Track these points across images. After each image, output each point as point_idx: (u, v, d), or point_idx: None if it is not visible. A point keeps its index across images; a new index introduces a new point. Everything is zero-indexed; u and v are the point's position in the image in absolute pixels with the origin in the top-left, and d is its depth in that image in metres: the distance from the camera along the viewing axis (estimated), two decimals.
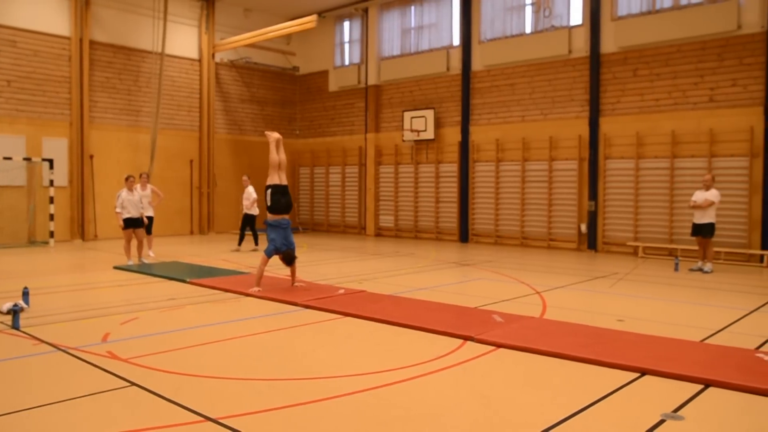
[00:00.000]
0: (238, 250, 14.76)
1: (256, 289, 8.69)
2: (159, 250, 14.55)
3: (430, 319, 6.89)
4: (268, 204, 8.96)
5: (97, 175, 17.61)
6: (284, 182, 9.16)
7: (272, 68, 22.08)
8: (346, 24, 21.30)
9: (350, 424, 4.04)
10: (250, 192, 15.05)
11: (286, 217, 9.05)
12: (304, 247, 16.36)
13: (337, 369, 5.24)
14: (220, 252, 14.62)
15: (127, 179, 12.23)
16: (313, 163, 22.44)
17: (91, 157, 17.46)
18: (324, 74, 22.03)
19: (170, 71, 19.21)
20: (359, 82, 20.63)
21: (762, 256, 12.87)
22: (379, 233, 20.23)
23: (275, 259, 9.34)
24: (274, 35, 18.99)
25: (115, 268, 11.54)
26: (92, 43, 17.49)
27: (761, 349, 5.95)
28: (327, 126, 22.07)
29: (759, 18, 13.00)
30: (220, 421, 4.00)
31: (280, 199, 8.97)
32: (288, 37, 21.81)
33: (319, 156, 22.24)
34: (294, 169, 22.98)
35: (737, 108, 13.32)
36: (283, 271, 11.23)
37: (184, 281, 9.86)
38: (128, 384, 4.76)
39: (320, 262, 13.08)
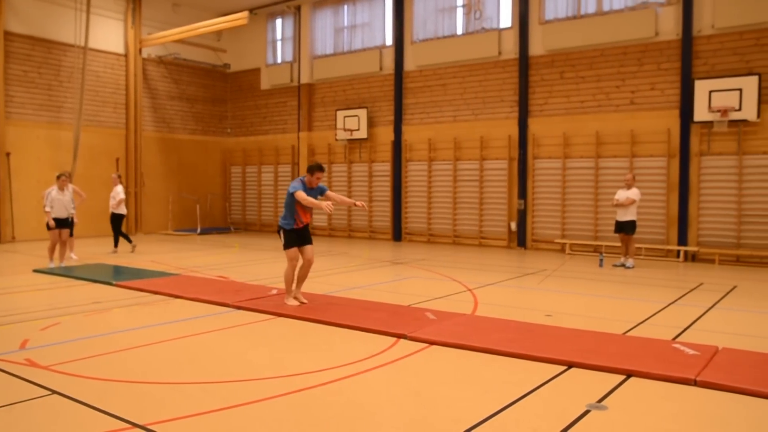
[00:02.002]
0: (115, 252, 14.12)
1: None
2: (83, 252, 13.99)
3: (364, 318, 6.91)
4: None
5: (15, 174, 16.75)
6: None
7: (202, 65, 21.59)
8: (279, 21, 21.07)
9: (284, 425, 4.00)
10: (118, 191, 14.23)
11: None
12: (235, 247, 16.10)
13: (270, 370, 5.18)
14: (148, 254, 14.18)
15: (58, 178, 11.74)
16: (245, 162, 22.08)
17: (8, 154, 16.59)
18: (256, 72, 21.71)
19: (94, 66, 18.49)
20: (292, 80, 20.45)
21: (679, 252, 13.52)
22: (312, 233, 20.05)
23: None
24: (203, 31, 18.58)
25: (35, 271, 11.03)
26: (8, 34, 16.61)
27: (678, 339, 6.25)
28: (259, 124, 21.78)
29: (674, 26, 13.65)
30: (148, 427, 3.88)
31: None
32: (218, 34, 21.37)
33: (251, 155, 21.91)
34: (225, 168, 22.57)
35: (656, 111, 13.95)
36: (214, 271, 11.02)
37: (110, 284, 9.52)
38: (48, 392, 4.55)
39: (252, 262, 12.89)
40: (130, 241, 14.36)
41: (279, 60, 21.14)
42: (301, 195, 7.33)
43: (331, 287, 9.46)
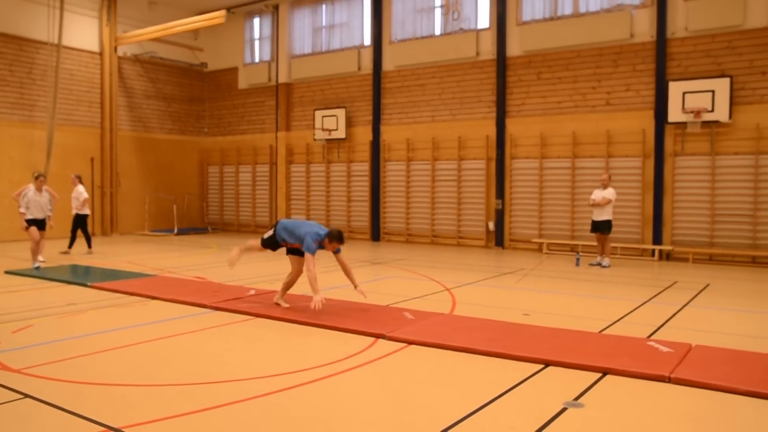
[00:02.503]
0: (67, 253, 13.87)
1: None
2: (55, 254, 13.76)
3: (342, 319, 6.91)
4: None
5: None
6: None
7: (179, 64, 21.40)
8: (256, 20, 20.96)
9: (262, 426, 3.98)
10: (81, 191, 14.03)
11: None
12: (213, 247, 15.98)
13: (247, 371, 5.15)
14: (124, 254, 14.02)
15: (36, 178, 11.57)
16: (222, 161, 21.93)
17: None
18: (233, 71, 21.57)
19: (68, 64, 18.23)
20: (270, 79, 20.35)
21: (654, 251, 13.71)
22: None
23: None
24: (180, 30, 18.42)
25: (7, 272, 10.83)
26: None
27: (652, 337, 6.34)
28: (237, 124, 21.64)
29: (649, 28, 13.84)
30: (124, 430, 3.84)
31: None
32: (195, 32, 21.19)
33: (228, 154, 21.76)
34: (203, 168, 22.39)
35: (631, 111, 14.12)
36: (192, 272, 10.93)
37: (85, 285, 9.38)
38: (21, 396, 4.48)
39: None
40: (89, 245, 14.16)
41: (257, 59, 21.03)
42: (310, 262, 6.92)
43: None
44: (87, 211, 14.20)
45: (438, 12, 16.98)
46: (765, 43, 12.71)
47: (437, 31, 16.99)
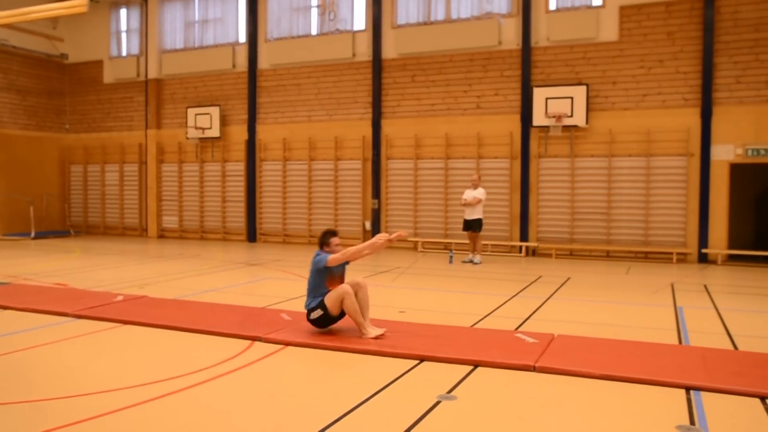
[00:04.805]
0: None
1: None
2: None
3: (217, 322, 6.71)
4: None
5: None
6: None
7: (35, 54, 19.83)
8: (123, 12, 19.86)
9: None
10: None
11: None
12: (76, 252, 14.97)
13: (114, 382, 4.86)
14: None
15: None
16: (86, 160, 20.57)
17: None
18: (98, 64, 20.30)
19: None
20: (139, 74, 19.36)
21: (521, 247, 14.49)
22: (163, 235, 19.22)
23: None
24: (36, 17, 16.96)
25: None
26: None
27: (519, 329, 6.70)
28: (102, 120, 20.39)
29: (515, 36, 14.61)
30: None
31: None
32: (54, 21, 19.73)
33: (93, 153, 20.46)
34: (64, 167, 20.89)
35: (499, 115, 14.84)
36: (51, 278, 10.18)
37: None
38: None
39: (96, 267, 12.05)
40: None
41: (124, 53, 19.94)
42: (338, 257, 6.24)
43: (183, 291, 9.08)
44: None
45: (314, 12, 16.94)
46: (615, 55, 13.82)
47: (314, 31, 16.95)
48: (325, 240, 6.50)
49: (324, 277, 6.32)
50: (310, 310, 6.27)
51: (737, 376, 4.86)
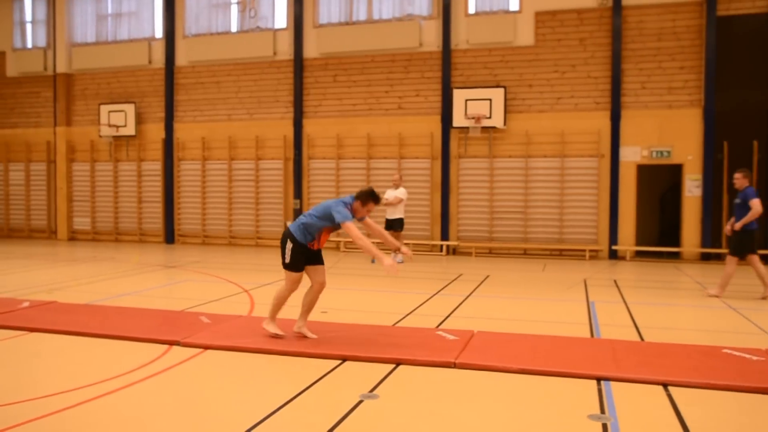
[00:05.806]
0: None
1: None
2: None
3: (132, 327, 6.47)
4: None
5: None
6: None
7: None
8: (27, 1, 18.82)
9: None
10: None
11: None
12: None
13: (17, 394, 4.58)
14: None
15: None
16: None
17: None
18: (0, 56, 19.17)
19: None
20: (46, 68, 18.41)
21: (442, 246, 14.74)
22: (74, 237, 18.35)
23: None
24: None
25: None
26: None
27: (440, 327, 6.81)
28: (5, 116, 19.23)
29: (436, 38, 14.84)
30: None
31: None
32: None
33: None
34: None
35: (420, 116, 15.04)
36: None
37: None
38: None
39: None
40: None
41: (29, 45, 18.90)
42: (353, 230, 5.72)
43: (96, 296, 8.71)
44: None
45: (234, 8, 16.63)
46: (531, 59, 14.28)
47: (233, 28, 16.63)
48: (365, 199, 5.93)
49: (323, 227, 6.02)
50: (286, 237, 5.96)
51: (643, 365, 5.13)
